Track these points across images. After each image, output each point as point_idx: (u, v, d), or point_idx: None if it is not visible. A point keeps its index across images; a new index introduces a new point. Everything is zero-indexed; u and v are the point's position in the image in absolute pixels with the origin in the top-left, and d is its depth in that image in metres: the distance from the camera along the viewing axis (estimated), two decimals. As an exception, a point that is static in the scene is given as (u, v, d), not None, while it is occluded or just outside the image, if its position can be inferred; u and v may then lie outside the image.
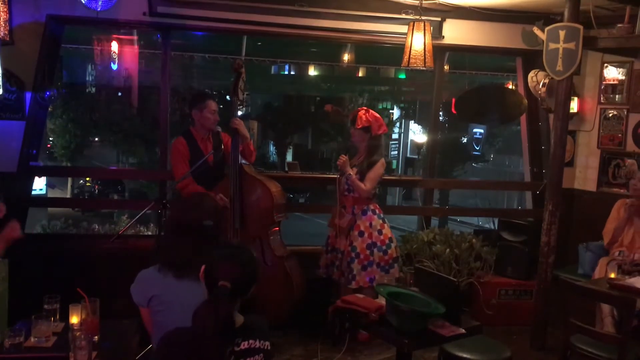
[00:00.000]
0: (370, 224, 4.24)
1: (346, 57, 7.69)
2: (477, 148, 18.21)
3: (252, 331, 1.96)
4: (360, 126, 4.23)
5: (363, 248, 4.19)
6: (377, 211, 4.30)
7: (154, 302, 2.37)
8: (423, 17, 4.47)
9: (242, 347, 1.90)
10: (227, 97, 12.72)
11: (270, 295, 4.01)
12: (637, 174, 4.42)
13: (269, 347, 1.98)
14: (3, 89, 4.14)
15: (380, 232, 4.25)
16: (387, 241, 4.26)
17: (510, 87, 7.52)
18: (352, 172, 4.23)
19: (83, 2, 4.06)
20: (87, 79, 12.85)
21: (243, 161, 4.19)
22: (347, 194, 4.29)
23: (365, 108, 4.36)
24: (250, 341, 1.92)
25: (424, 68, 4.45)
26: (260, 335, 1.96)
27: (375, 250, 4.21)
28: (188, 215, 2.47)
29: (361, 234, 4.21)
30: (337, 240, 4.33)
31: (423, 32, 4.36)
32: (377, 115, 4.31)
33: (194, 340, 1.82)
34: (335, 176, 4.53)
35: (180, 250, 2.39)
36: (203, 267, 1.99)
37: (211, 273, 1.95)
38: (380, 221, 4.28)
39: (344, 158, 4.26)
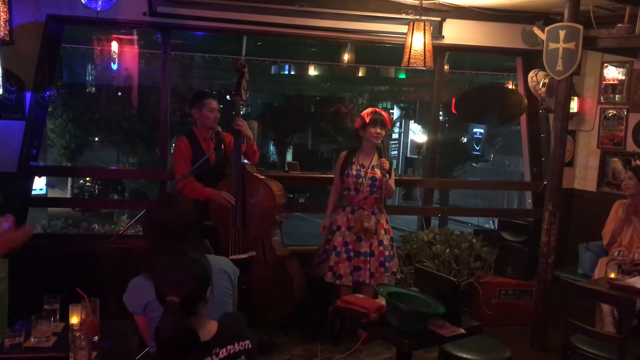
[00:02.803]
0: (387, 220, 4.38)
1: (346, 57, 7.66)
2: (477, 148, 18.21)
3: (229, 335, 1.87)
4: (390, 127, 4.35)
5: (389, 244, 4.32)
6: None
7: (149, 309, 2.28)
8: (423, 17, 4.47)
9: (221, 355, 1.81)
10: (228, 97, 12.73)
11: (271, 295, 4.02)
12: (625, 174, 4.39)
13: (249, 346, 1.90)
14: (3, 89, 4.14)
15: (391, 226, 4.43)
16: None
17: (510, 87, 7.52)
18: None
19: (83, 2, 4.06)
20: (87, 79, 12.82)
21: (245, 161, 4.18)
22: (369, 196, 4.27)
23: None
24: (229, 347, 1.84)
25: (424, 68, 4.45)
26: (238, 337, 1.88)
27: (394, 244, 4.41)
28: (159, 218, 2.35)
29: (386, 231, 4.33)
30: (359, 244, 4.24)
31: (423, 32, 4.36)
32: None
33: None
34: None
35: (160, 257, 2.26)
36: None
37: (157, 288, 1.82)
38: None
39: (388, 162, 4.22)
